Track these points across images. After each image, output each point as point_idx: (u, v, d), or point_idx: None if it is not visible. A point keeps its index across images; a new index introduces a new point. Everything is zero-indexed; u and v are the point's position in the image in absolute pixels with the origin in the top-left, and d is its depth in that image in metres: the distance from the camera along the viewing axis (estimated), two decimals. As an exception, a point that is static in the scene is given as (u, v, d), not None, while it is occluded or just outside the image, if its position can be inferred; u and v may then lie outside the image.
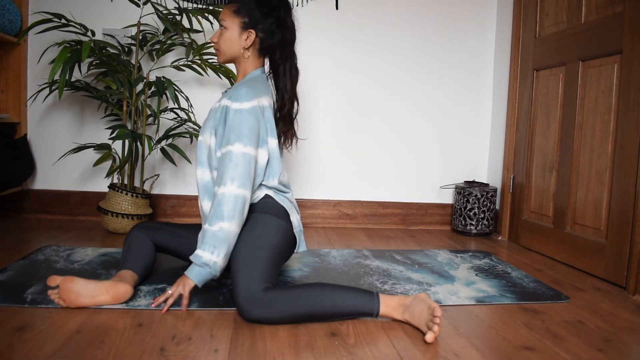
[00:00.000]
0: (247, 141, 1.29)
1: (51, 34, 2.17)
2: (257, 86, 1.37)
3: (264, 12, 1.39)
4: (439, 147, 2.66)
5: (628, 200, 1.67)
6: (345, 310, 1.23)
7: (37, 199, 2.39)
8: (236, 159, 1.27)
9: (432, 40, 2.60)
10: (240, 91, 1.33)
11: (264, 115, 1.37)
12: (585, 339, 1.23)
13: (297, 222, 1.45)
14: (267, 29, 1.40)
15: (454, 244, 2.27)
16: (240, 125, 1.29)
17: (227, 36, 1.41)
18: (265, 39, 1.41)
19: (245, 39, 1.40)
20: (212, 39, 1.45)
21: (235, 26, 1.40)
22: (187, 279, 1.26)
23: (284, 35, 1.42)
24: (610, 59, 1.80)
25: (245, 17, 1.39)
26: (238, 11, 1.40)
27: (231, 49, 1.42)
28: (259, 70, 1.45)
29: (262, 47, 1.43)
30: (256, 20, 1.39)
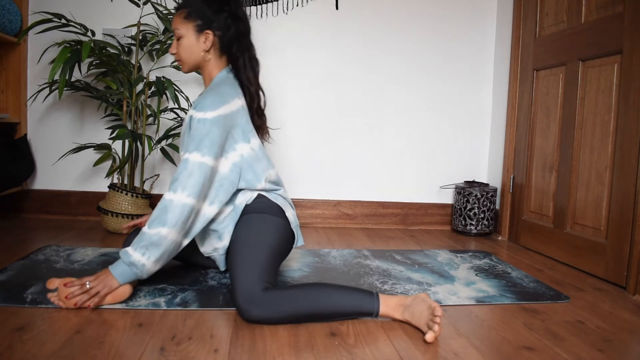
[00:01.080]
0: (205, 151, 1.26)
1: (51, 34, 2.17)
2: (224, 91, 1.34)
3: (215, 10, 1.37)
4: (439, 147, 2.66)
5: (628, 200, 1.67)
6: (345, 310, 1.23)
7: (37, 199, 2.39)
8: (191, 168, 1.25)
9: (432, 40, 2.60)
10: (206, 100, 1.30)
11: (238, 118, 1.34)
12: (585, 339, 1.23)
13: (293, 218, 1.45)
14: (222, 25, 1.37)
15: (454, 244, 2.27)
16: (202, 135, 1.26)
17: (185, 44, 1.38)
18: (223, 37, 1.39)
19: (203, 41, 1.38)
20: (171, 51, 1.41)
21: (190, 31, 1.37)
22: (111, 277, 1.23)
23: (238, 27, 1.39)
24: (610, 59, 1.80)
25: (198, 20, 1.37)
26: (189, 16, 1.37)
27: (192, 56, 1.39)
28: (224, 71, 1.42)
29: (222, 46, 1.40)
30: (209, 19, 1.37)
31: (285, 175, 2.54)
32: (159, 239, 1.21)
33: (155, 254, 1.23)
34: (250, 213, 1.37)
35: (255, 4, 2.45)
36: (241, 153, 1.36)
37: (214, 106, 1.29)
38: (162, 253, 1.24)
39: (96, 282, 1.24)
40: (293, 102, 2.52)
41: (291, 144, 2.53)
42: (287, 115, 2.52)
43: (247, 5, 2.44)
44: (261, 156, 1.41)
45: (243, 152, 1.36)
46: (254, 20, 2.45)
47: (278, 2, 2.46)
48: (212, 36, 1.38)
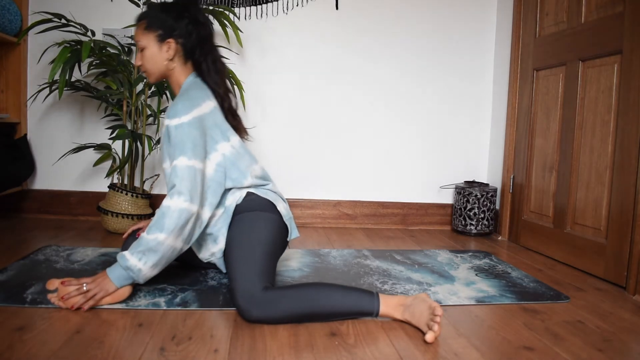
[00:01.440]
0: (190, 154, 1.25)
1: (51, 34, 2.17)
2: (193, 94, 1.33)
3: (175, 17, 1.35)
4: (439, 147, 2.66)
5: (628, 200, 1.67)
6: (345, 310, 1.23)
7: (37, 199, 2.39)
8: (181, 173, 1.24)
9: (432, 40, 2.60)
10: (177, 107, 1.29)
11: (213, 118, 1.34)
12: (585, 339, 1.23)
13: (286, 211, 1.44)
14: (184, 32, 1.36)
15: (454, 244, 2.27)
16: (183, 140, 1.26)
17: (148, 55, 1.37)
18: (185, 43, 1.37)
19: (166, 50, 1.36)
20: (136, 63, 1.41)
21: (152, 42, 1.36)
22: (108, 281, 1.24)
23: (199, 32, 1.38)
24: (610, 59, 1.80)
25: (159, 30, 1.35)
26: (149, 26, 1.36)
27: (157, 66, 1.38)
28: (191, 77, 1.41)
29: (185, 52, 1.39)
30: (170, 28, 1.35)
31: (285, 175, 2.54)
32: (156, 245, 1.21)
33: (152, 260, 1.23)
34: (242, 212, 1.37)
35: (255, 4, 2.45)
36: (223, 152, 1.35)
37: (186, 110, 1.28)
38: (159, 258, 1.23)
39: (93, 284, 1.24)
40: (293, 101, 2.52)
41: (291, 144, 2.53)
42: (287, 115, 2.52)
43: (247, 5, 2.44)
44: (243, 153, 1.40)
45: (225, 152, 1.36)
46: (254, 20, 2.45)
47: (278, 2, 2.46)
48: (175, 44, 1.36)
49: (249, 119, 2.49)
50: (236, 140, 1.39)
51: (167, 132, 1.30)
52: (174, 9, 1.37)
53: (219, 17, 2.10)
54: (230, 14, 2.33)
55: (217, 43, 2.32)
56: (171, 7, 1.37)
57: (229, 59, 2.36)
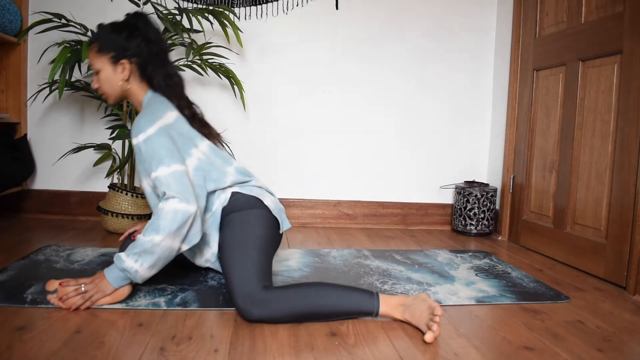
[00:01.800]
0: (168, 161, 1.24)
1: (51, 34, 2.17)
2: (154, 108, 1.32)
3: (126, 37, 1.34)
4: (439, 147, 2.66)
5: (628, 200, 1.67)
6: (345, 310, 1.23)
7: (37, 199, 2.39)
8: (166, 180, 1.23)
9: (432, 40, 2.60)
10: (140, 123, 1.29)
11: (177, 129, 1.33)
12: (585, 339, 1.23)
13: (274, 204, 1.44)
14: (136, 51, 1.35)
15: (454, 244, 2.27)
16: (155, 150, 1.25)
17: (104, 77, 1.37)
18: (140, 62, 1.37)
19: (121, 71, 1.36)
20: (93, 86, 1.40)
21: (106, 64, 1.35)
22: (106, 282, 1.24)
23: (151, 49, 1.37)
24: (610, 59, 1.80)
25: (111, 51, 1.34)
26: (101, 49, 1.35)
27: (114, 88, 1.38)
28: (149, 93, 1.40)
29: (141, 71, 1.38)
30: (122, 48, 1.34)
31: (285, 175, 2.54)
32: (152, 247, 1.21)
33: (149, 261, 1.22)
34: (230, 214, 1.37)
35: (255, 4, 2.45)
36: (198, 157, 1.35)
37: (149, 123, 1.27)
38: (155, 260, 1.23)
39: (91, 285, 1.24)
40: (293, 101, 2.52)
41: (291, 144, 2.53)
42: (287, 115, 2.52)
43: (247, 5, 2.44)
44: (214, 157, 1.39)
45: (199, 156, 1.36)
46: (254, 20, 2.45)
47: (278, 2, 2.46)
48: (129, 64, 1.36)
49: (249, 119, 2.49)
50: (205, 146, 1.38)
51: (137, 150, 1.29)
52: (124, 28, 1.36)
53: (219, 17, 2.10)
54: (230, 14, 2.33)
55: (216, 43, 2.33)
56: (122, 27, 1.36)
57: (228, 58, 2.38)
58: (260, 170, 2.51)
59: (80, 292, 1.24)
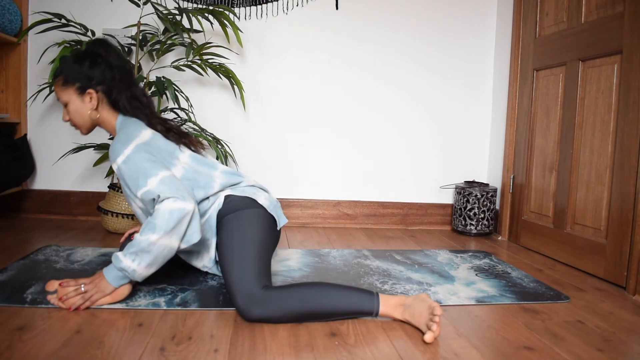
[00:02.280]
0: (154, 172, 1.24)
1: (51, 34, 2.17)
2: (127, 130, 1.33)
3: (89, 66, 1.34)
4: (439, 147, 2.66)
5: (628, 200, 1.67)
6: (345, 310, 1.23)
7: (37, 199, 2.39)
8: (157, 189, 1.22)
9: (432, 40, 2.60)
10: (115, 147, 1.29)
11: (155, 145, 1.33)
12: (585, 339, 1.23)
13: (268, 201, 1.44)
14: (101, 79, 1.35)
15: (454, 244, 2.27)
16: (138, 167, 1.25)
17: (73, 109, 1.37)
18: (106, 89, 1.37)
19: (89, 101, 1.36)
20: (64, 119, 1.41)
21: (73, 96, 1.36)
22: (105, 282, 1.24)
23: (114, 75, 1.37)
24: (610, 59, 1.80)
25: (76, 83, 1.34)
26: (66, 82, 1.35)
27: (84, 118, 1.38)
28: (120, 117, 1.40)
29: (108, 97, 1.38)
30: (87, 78, 1.34)
31: (286, 176, 2.54)
32: (148, 245, 1.20)
33: (146, 260, 1.22)
34: (226, 215, 1.37)
35: (255, 4, 2.45)
36: (182, 166, 1.36)
37: (125, 145, 1.28)
38: (153, 259, 1.23)
39: (91, 285, 1.25)
40: (293, 101, 2.52)
41: (291, 144, 2.53)
42: (287, 115, 2.52)
43: (247, 5, 2.44)
44: (199, 164, 1.40)
45: (183, 165, 1.36)
46: (254, 20, 2.45)
47: (278, 2, 2.46)
48: (96, 93, 1.36)
49: (249, 119, 2.49)
50: (186, 157, 1.39)
51: (119, 173, 1.29)
52: (86, 57, 1.36)
53: (219, 17, 2.10)
54: (230, 14, 2.33)
55: (216, 43, 2.33)
56: (84, 57, 1.36)
57: (228, 58, 2.38)
58: (260, 170, 2.51)
59: (80, 292, 1.24)
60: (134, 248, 1.21)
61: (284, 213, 2.51)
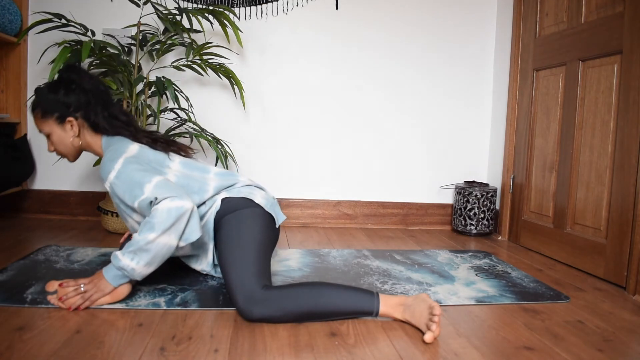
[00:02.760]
0: (147, 179, 1.24)
1: (51, 34, 2.17)
2: (114, 148, 1.34)
3: (64, 94, 1.35)
4: (439, 147, 2.66)
5: (628, 200, 1.67)
6: (345, 309, 1.23)
7: (37, 199, 2.39)
8: (154, 193, 1.22)
9: (432, 40, 2.60)
10: (105, 165, 1.30)
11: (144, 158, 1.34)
12: (585, 339, 1.23)
13: (265, 200, 1.43)
14: (78, 105, 1.36)
15: (454, 244, 2.27)
16: (131, 178, 1.25)
17: (56, 139, 1.38)
18: (85, 114, 1.37)
19: (70, 129, 1.37)
20: (49, 149, 1.42)
21: (54, 126, 1.36)
22: (104, 281, 1.24)
23: (89, 99, 1.37)
24: (610, 59, 1.80)
25: (55, 113, 1.35)
26: (45, 113, 1.35)
27: (68, 147, 1.39)
28: (104, 138, 1.41)
29: (89, 122, 1.38)
30: (64, 106, 1.35)
31: (286, 176, 2.54)
32: (147, 244, 1.20)
33: (145, 259, 1.22)
34: (224, 216, 1.37)
35: (255, 4, 2.45)
36: (174, 174, 1.36)
37: (114, 161, 1.29)
38: (152, 257, 1.22)
39: (90, 285, 1.25)
40: (293, 101, 2.52)
41: (291, 144, 2.53)
42: (287, 115, 2.52)
43: (247, 5, 2.44)
44: (191, 169, 1.40)
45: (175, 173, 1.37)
46: (254, 20, 2.45)
47: (278, 2, 2.46)
48: (75, 120, 1.37)
49: (249, 119, 2.49)
50: (177, 164, 1.39)
51: (112, 190, 1.29)
52: (60, 86, 1.36)
53: (219, 17, 2.10)
54: (230, 14, 2.33)
55: (216, 43, 2.33)
56: (57, 85, 1.36)
57: (228, 58, 2.38)
58: (260, 170, 2.51)
59: (79, 292, 1.24)
60: (132, 247, 1.21)
61: (284, 213, 2.51)
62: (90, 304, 1.25)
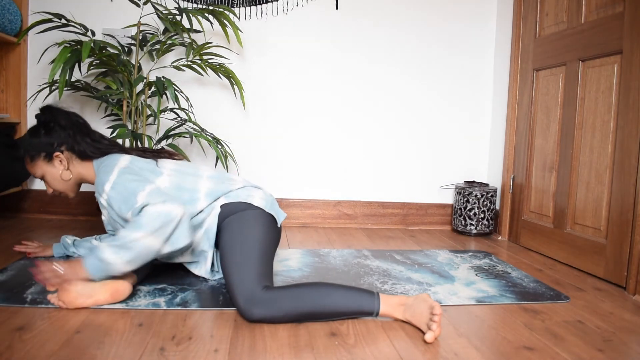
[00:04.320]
0: (141, 188, 1.27)
1: (51, 34, 2.17)
2: (106, 162, 1.37)
3: (45, 134, 1.39)
4: (439, 147, 2.66)
5: (628, 200, 1.67)
6: (346, 310, 1.23)
7: (37, 199, 2.39)
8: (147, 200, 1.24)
9: (432, 40, 2.60)
10: (100, 178, 1.33)
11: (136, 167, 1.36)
12: (585, 339, 1.23)
13: (264, 200, 1.44)
14: (60, 140, 1.40)
15: (454, 244, 2.27)
16: (126, 188, 1.27)
17: (50, 178, 1.43)
18: (70, 147, 1.41)
19: (59, 164, 1.41)
20: (48, 191, 1.47)
21: (44, 166, 1.41)
22: (81, 267, 1.23)
23: (68, 133, 1.41)
24: (610, 59, 1.80)
25: (41, 153, 1.40)
26: (33, 157, 1.41)
27: (63, 182, 1.43)
28: (95, 162, 1.44)
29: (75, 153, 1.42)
30: (48, 145, 1.39)
31: (285, 175, 2.54)
32: (131, 242, 1.20)
33: (127, 256, 1.22)
34: (225, 220, 1.38)
35: (255, 4, 2.45)
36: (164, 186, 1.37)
37: (109, 173, 1.32)
38: (134, 256, 1.22)
39: (67, 266, 1.23)
40: (293, 102, 2.52)
41: (291, 144, 2.53)
42: (287, 115, 2.52)
43: (247, 5, 2.44)
44: (183, 176, 1.41)
45: (165, 184, 1.37)
46: (254, 20, 2.45)
47: (278, 2, 2.46)
48: (62, 154, 1.41)
49: (249, 119, 2.49)
50: (166, 176, 1.40)
51: (108, 202, 1.31)
52: (39, 128, 1.41)
53: (219, 17, 2.10)
54: (230, 14, 2.33)
55: (216, 43, 2.33)
56: (37, 129, 1.41)
57: (228, 58, 2.38)
58: (260, 170, 2.51)
59: (53, 271, 1.23)
60: (117, 242, 1.21)
61: (285, 213, 2.51)
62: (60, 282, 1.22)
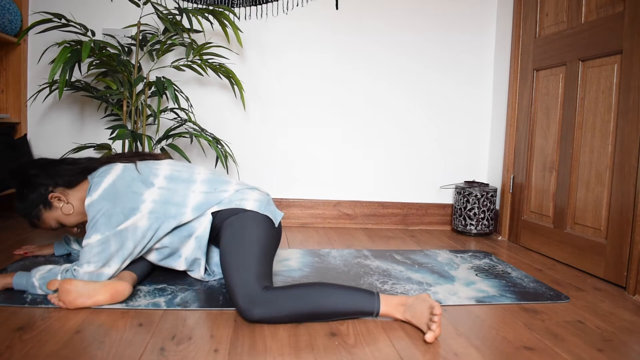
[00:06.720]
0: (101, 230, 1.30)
1: (51, 34, 2.17)
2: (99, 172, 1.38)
3: (31, 189, 1.42)
4: (439, 146, 2.66)
5: (628, 200, 1.67)
6: (346, 310, 1.23)
7: (37, 199, 2.39)
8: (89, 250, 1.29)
9: (432, 40, 2.60)
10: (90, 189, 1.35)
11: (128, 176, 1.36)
12: (585, 339, 1.23)
13: (258, 202, 1.42)
14: (45, 185, 1.42)
15: (454, 244, 2.27)
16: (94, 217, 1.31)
17: (63, 220, 1.45)
18: (56, 184, 1.43)
19: (57, 202, 1.43)
20: (74, 231, 1.52)
21: (51, 215, 1.44)
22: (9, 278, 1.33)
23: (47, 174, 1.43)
24: (610, 59, 1.80)
25: (37, 206, 1.42)
26: (34, 217, 1.44)
27: (68, 216, 1.45)
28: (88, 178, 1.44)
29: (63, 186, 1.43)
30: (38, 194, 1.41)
31: (285, 175, 2.54)
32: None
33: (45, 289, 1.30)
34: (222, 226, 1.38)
35: (255, 4, 2.45)
36: (152, 199, 1.36)
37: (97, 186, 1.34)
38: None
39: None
40: (293, 102, 2.52)
41: (291, 144, 2.53)
42: (287, 115, 2.52)
43: (247, 5, 2.44)
44: (175, 185, 1.40)
45: (153, 197, 1.36)
46: (254, 20, 2.45)
47: (278, 2, 2.46)
48: (54, 194, 1.42)
49: (249, 119, 2.49)
50: (161, 178, 1.40)
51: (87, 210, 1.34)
52: (23, 189, 1.43)
53: (219, 17, 2.10)
54: (230, 14, 2.33)
55: (216, 43, 2.33)
56: (21, 193, 1.44)
57: (228, 58, 2.38)
58: (260, 170, 2.51)
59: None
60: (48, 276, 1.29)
61: (284, 213, 2.51)
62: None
